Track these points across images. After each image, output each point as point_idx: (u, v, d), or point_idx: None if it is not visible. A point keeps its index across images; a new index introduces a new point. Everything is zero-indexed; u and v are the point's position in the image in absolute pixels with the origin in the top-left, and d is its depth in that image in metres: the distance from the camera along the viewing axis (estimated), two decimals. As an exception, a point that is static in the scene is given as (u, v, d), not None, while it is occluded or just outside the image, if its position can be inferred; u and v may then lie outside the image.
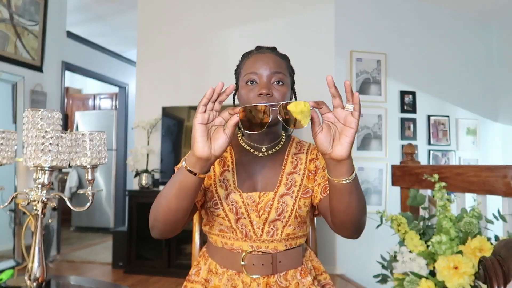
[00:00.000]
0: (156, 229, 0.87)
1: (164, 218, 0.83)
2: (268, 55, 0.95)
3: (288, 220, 0.91)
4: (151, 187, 3.62)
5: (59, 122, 1.06)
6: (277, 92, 0.90)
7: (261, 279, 0.92)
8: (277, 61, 0.94)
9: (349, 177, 0.76)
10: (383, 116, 3.69)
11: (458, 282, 1.02)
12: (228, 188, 0.93)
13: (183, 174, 0.77)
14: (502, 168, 1.43)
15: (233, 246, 0.94)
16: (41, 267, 1.04)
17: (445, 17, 4.11)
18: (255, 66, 0.93)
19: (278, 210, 0.91)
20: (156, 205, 0.85)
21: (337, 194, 0.80)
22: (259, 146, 0.98)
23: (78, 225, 5.50)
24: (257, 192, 0.93)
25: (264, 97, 0.89)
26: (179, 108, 3.70)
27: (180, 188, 0.78)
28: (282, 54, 1.00)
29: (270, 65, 0.92)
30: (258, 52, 0.98)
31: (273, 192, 0.93)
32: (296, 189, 0.93)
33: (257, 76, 0.92)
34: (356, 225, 0.86)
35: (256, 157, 0.98)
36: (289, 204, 0.91)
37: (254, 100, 0.90)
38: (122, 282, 3.21)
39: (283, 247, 0.93)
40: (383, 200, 3.61)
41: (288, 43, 3.66)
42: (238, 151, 0.99)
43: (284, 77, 0.93)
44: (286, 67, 0.97)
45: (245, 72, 0.95)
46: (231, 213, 0.92)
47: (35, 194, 1.04)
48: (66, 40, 4.32)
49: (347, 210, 0.82)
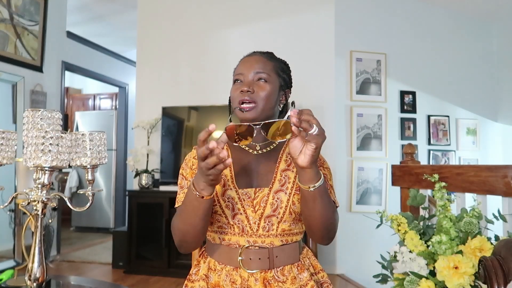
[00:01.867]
0: (184, 249, 0.98)
1: (194, 237, 0.93)
2: (255, 57, 1.02)
3: (283, 216, 0.95)
4: (151, 187, 3.62)
5: (59, 122, 1.06)
6: (259, 89, 0.96)
7: (258, 273, 0.94)
8: (262, 61, 1.00)
9: (313, 185, 0.85)
10: (383, 116, 3.69)
11: (458, 282, 1.02)
12: (225, 184, 0.97)
13: (199, 201, 0.85)
14: (502, 168, 1.43)
15: (231, 241, 0.96)
16: (41, 267, 1.04)
17: (445, 17, 4.11)
18: (241, 67, 1.01)
19: (273, 206, 0.95)
20: (180, 231, 0.94)
21: (303, 199, 0.90)
22: (254, 144, 1.01)
23: (78, 225, 5.50)
24: (253, 188, 0.97)
25: (245, 93, 0.95)
26: (179, 108, 3.70)
27: (204, 210, 0.87)
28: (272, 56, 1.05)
29: (254, 65, 0.99)
30: (248, 55, 1.05)
31: (268, 188, 0.97)
32: (290, 185, 0.97)
33: (243, 76, 0.99)
34: (322, 232, 0.94)
35: (252, 155, 1.02)
36: (283, 200, 0.95)
37: (237, 97, 0.96)
38: (122, 282, 3.21)
39: (279, 242, 0.96)
40: (383, 200, 3.61)
41: (288, 43, 3.66)
42: (235, 150, 1.03)
43: (268, 77, 0.98)
44: (273, 68, 1.01)
45: (234, 73, 1.03)
46: (228, 210, 0.95)
47: (35, 194, 1.04)
48: (66, 40, 4.32)
49: (311, 215, 0.91)
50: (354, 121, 3.64)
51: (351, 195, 3.59)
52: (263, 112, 0.95)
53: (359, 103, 3.68)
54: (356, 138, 3.65)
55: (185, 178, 1.01)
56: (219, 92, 3.27)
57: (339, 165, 3.54)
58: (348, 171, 3.60)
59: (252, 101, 0.94)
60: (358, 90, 3.70)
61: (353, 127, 3.64)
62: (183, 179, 1.01)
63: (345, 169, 3.60)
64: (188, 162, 1.02)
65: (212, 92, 3.71)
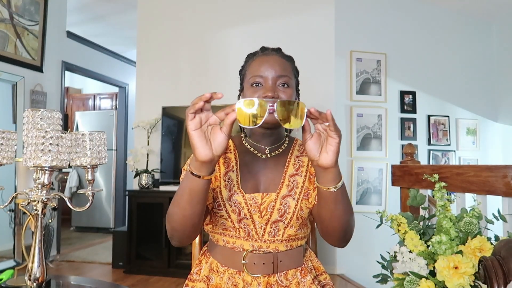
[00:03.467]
0: (176, 237, 0.90)
1: (181, 225, 0.85)
2: (273, 57, 0.95)
3: (290, 221, 0.92)
4: (151, 187, 3.61)
5: (59, 122, 1.06)
6: (282, 94, 0.91)
7: (261, 278, 0.92)
8: (283, 63, 0.95)
9: (335, 185, 0.80)
10: (383, 116, 3.69)
11: (458, 282, 1.02)
12: (231, 189, 0.94)
13: (190, 180, 0.78)
14: (502, 168, 1.43)
15: (235, 245, 0.94)
16: (41, 267, 1.04)
17: (445, 17, 4.11)
18: (260, 69, 0.93)
19: (280, 211, 0.92)
20: (171, 214, 0.87)
21: (323, 201, 0.85)
22: (262, 147, 0.99)
23: (78, 225, 5.50)
24: (260, 193, 0.94)
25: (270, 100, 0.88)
26: (179, 108, 3.70)
27: (191, 193, 0.80)
28: (287, 55, 1.01)
29: (275, 68, 0.93)
30: (263, 54, 0.98)
31: (275, 193, 0.93)
32: (298, 190, 0.94)
33: (263, 79, 0.92)
34: (340, 234, 0.90)
35: (259, 158, 0.98)
36: (291, 206, 0.92)
37: None
38: (122, 282, 3.21)
39: (284, 247, 0.94)
40: (383, 200, 3.61)
41: (288, 43, 3.65)
42: (242, 152, 1.00)
43: (289, 80, 0.93)
44: (291, 69, 0.98)
45: (250, 74, 0.95)
46: (234, 214, 0.92)
47: (35, 194, 1.04)
48: (66, 40, 4.32)
49: (331, 217, 0.86)
50: (354, 121, 3.64)
51: (351, 195, 3.59)
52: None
53: (359, 103, 3.68)
54: (356, 138, 3.65)
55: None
56: (220, 92, 3.27)
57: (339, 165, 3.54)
58: (348, 171, 3.60)
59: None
60: (358, 90, 3.70)
61: (353, 127, 3.64)
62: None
63: (345, 169, 3.59)
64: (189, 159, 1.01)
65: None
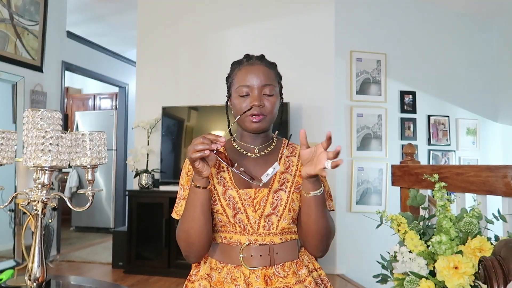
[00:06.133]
0: (193, 252, 0.98)
1: (198, 237, 0.95)
2: (258, 67, 1.02)
3: (282, 213, 0.98)
4: (151, 187, 3.61)
5: (59, 122, 1.06)
6: (268, 102, 1.00)
7: (259, 270, 0.96)
8: (267, 72, 1.02)
9: (314, 193, 0.92)
10: (383, 116, 3.69)
11: (458, 282, 1.02)
12: (225, 185, 1.00)
13: (199, 194, 0.91)
14: (502, 168, 1.42)
15: (232, 240, 0.98)
16: (41, 267, 1.04)
17: (445, 17, 4.11)
18: (246, 79, 1.00)
19: (272, 205, 0.98)
20: (185, 231, 0.96)
21: (302, 204, 0.96)
22: (252, 147, 1.05)
23: (78, 225, 5.50)
24: (253, 189, 0.99)
25: (257, 108, 0.98)
26: (179, 108, 3.70)
27: (202, 205, 0.92)
28: (270, 62, 1.06)
29: (260, 77, 1.00)
30: (248, 63, 1.04)
31: (267, 189, 0.99)
32: (289, 184, 1.01)
33: (249, 88, 1.00)
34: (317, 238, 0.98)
35: (249, 158, 1.04)
36: (283, 198, 0.99)
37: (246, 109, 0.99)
38: (122, 282, 3.21)
39: (279, 240, 0.99)
40: (383, 200, 3.61)
41: (288, 43, 3.66)
42: (232, 153, 1.06)
43: (273, 88, 1.01)
44: (275, 76, 1.05)
45: (237, 84, 1.02)
46: (229, 208, 0.97)
47: (35, 194, 1.04)
48: (66, 40, 4.32)
49: (308, 221, 0.96)
50: (354, 121, 3.64)
51: (351, 195, 3.59)
52: (270, 122, 1.02)
53: (359, 103, 3.68)
54: (356, 138, 3.65)
55: (183, 188, 1.03)
56: (219, 92, 3.28)
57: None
58: (348, 171, 3.60)
59: (261, 114, 0.98)
60: (358, 90, 3.70)
61: (353, 127, 3.64)
62: (181, 189, 1.04)
63: (345, 169, 3.59)
64: (184, 168, 1.05)
65: (212, 92, 3.72)
